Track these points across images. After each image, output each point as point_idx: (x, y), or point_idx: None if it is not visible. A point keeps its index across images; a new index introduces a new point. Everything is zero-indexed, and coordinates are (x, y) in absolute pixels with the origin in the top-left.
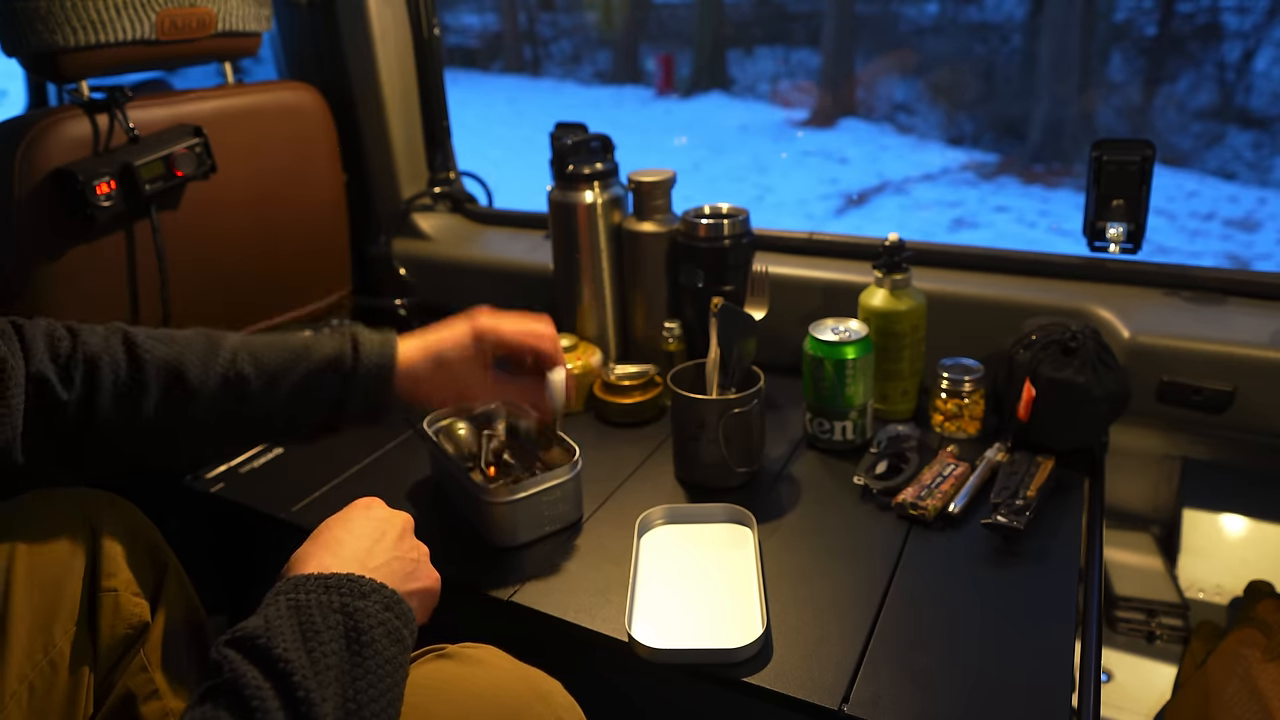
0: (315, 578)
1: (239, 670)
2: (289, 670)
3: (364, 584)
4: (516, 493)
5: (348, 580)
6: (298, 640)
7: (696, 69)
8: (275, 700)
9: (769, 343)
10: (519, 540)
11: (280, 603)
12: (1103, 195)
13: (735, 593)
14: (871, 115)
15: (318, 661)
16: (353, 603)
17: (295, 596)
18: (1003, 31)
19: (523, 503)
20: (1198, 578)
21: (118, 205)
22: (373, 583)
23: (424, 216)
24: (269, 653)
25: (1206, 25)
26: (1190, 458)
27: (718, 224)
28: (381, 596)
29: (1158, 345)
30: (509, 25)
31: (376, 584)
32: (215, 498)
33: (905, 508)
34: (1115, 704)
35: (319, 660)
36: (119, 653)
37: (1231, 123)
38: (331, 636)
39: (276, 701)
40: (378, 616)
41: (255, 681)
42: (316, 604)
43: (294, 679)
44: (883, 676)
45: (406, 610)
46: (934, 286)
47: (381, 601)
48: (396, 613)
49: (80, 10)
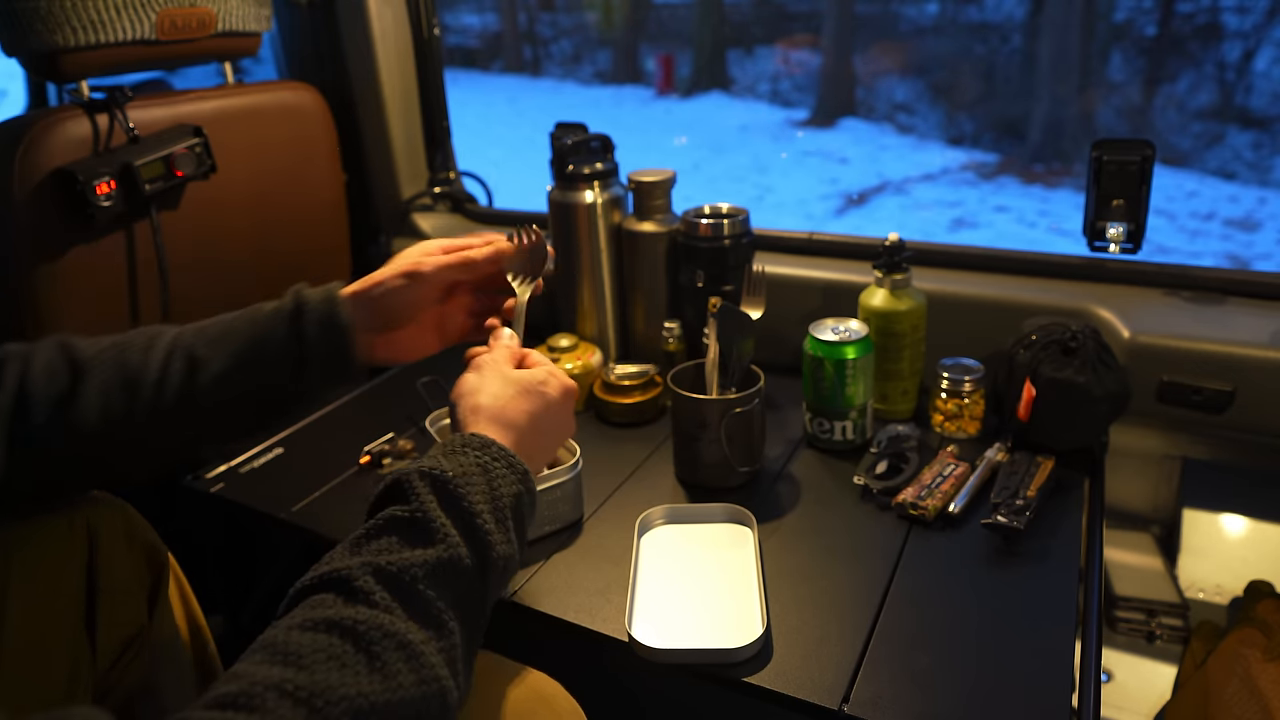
0: (503, 451)
1: (430, 511)
2: (485, 529)
3: (531, 483)
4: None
5: (525, 474)
6: (489, 504)
7: (696, 69)
8: (465, 549)
9: (769, 343)
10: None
11: (470, 457)
12: (1103, 195)
13: (735, 593)
14: (871, 115)
15: (503, 530)
16: (524, 492)
17: (483, 458)
18: (1003, 31)
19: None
20: (1198, 578)
21: (118, 205)
22: (533, 484)
23: (424, 216)
24: (460, 504)
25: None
26: (1190, 458)
27: (718, 224)
28: (533, 497)
29: (1158, 345)
30: (509, 25)
31: (535, 489)
32: (215, 498)
33: (905, 508)
34: (1115, 704)
35: (504, 529)
36: (117, 653)
37: (1231, 123)
38: (509, 512)
39: (466, 550)
40: (531, 510)
41: (446, 529)
42: (501, 477)
43: (490, 538)
44: (883, 676)
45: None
46: (934, 286)
47: (532, 502)
48: (532, 520)
49: (80, 10)
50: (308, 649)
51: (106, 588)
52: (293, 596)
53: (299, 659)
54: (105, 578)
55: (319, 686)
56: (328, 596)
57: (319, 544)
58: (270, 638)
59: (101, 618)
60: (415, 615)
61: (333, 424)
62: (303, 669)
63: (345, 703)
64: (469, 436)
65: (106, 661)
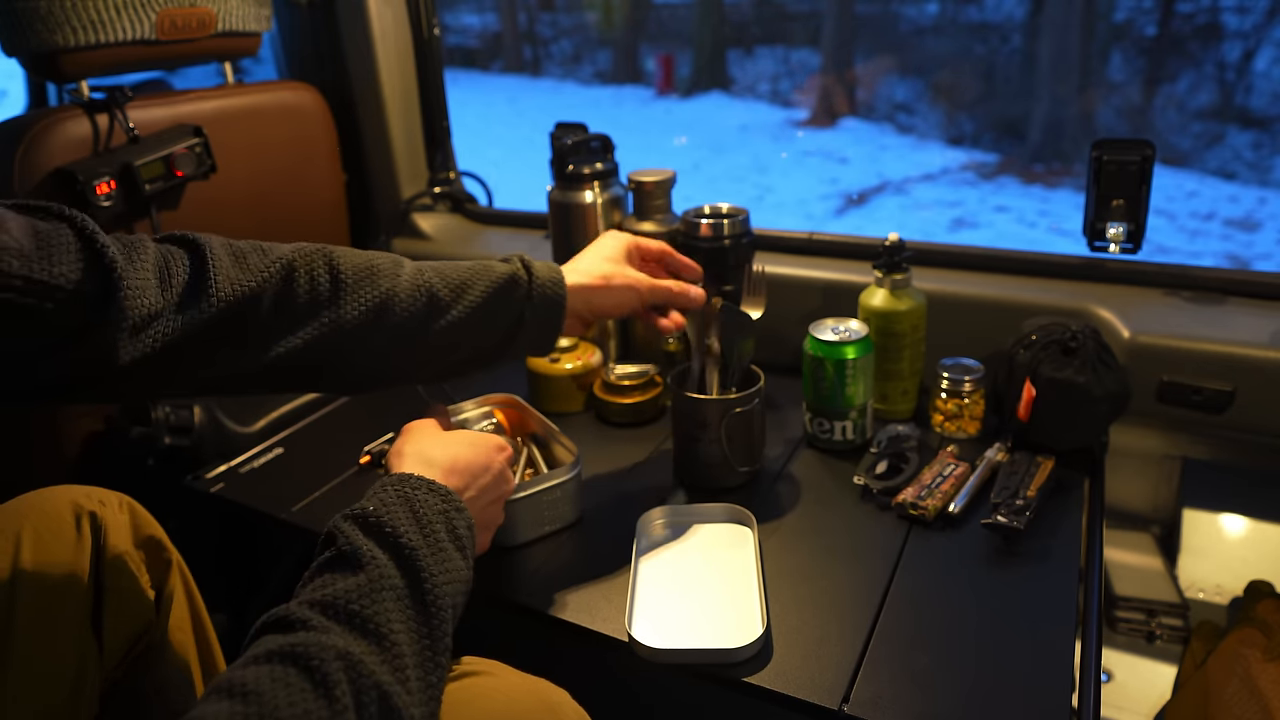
0: (422, 480)
1: (355, 542)
2: (409, 544)
3: (456, 502)
4: (516, 493)
5: (448, 494)
6: (413, 523)
7: (696, 69)
8: (393, 567)
9: (769, 343)
10: (519, 540)
11: (390, 492)
12: (1103, 195)
13: (735, 593)
14: (871, 115)
15: (431, 543)
16: (451, 510)
17: (403, 489)
18: (1003, 31)
19: (522, 502)
20: (1198, 578)
21: (118, 205)
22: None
23: (424, 216)
24: (382, 529)
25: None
26: (1190, 458)
27: (718, 224)
28: (467, 519)
29: (1158, 345)
30: (509, 25)
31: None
32: (216, 498)
33: (905, 508)
34: (1115, 704)
35: (432, 542)
36: (123, 651)
37: (1231, 123)
38: (438, 528)
39: (394, 569)
40: (467, 529)
41: (371, 551)
42: (423, 500)
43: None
44: (883, 676)
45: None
46: (934, 286)
47: (468, 524)
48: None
49: (80, 10)
50: (252, 679)
51: (113, 586)
52: (244, 645)
53: (244, 689)
54: (112, 576)
55: (267, 709)
56: (268, 636)
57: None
58: (220, 679)
59: (108, 616)
60: (353, 631)
61: (333, 424)
62: (250, 697)
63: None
64: (387, 477)
65: (113, 659)
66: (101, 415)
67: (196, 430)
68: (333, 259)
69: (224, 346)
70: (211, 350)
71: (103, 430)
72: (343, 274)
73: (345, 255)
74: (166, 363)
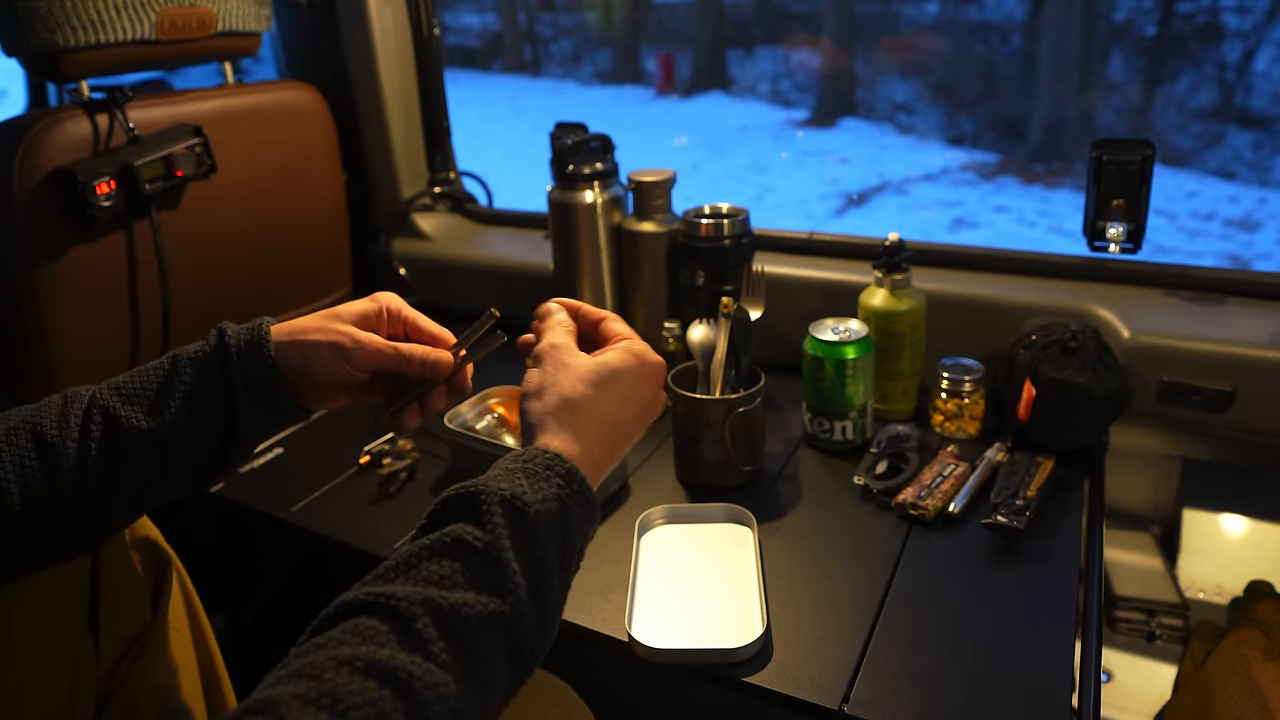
0: (584, 485)
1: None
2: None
3: (597, 518)
4: None
5: (597, 511)
6: (558, 551)
7: (696, 69)
8: (529, 605)
9: (769, 343)
10: None
11: (552, 487)
12: (1103, 195)
13: (735, 593)
14: (871, 115)
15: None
16: (589, 530)
17: (565, 491)
18: (1003, 31)
19: None
20: (1198, 578)
21: (118, 205)
22: (598, 518)
23: (424, 216)
24: (534, 548)
25: (1206, 25)
26: (1190, 458)
27: (718, 224)
28: (586, 536)
29: (1158, 345)
30: (509, 25)
31: (598, 520)
32: (215, 498)
33: (905, 508)
34: (1115, 704)
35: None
36: (119, 653)
37: (1231, 123)
38: (570, 566)
39: (529, 608)
40: (580, 555)
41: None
42: (578, 518)
43: (551, 595)
44: (883, 676)
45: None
46: (934, 286)
47: (584, 544)
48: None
49: (80, 10)
50: (355, 698)
51: (109, 588)
52: (337, 611)
53: (340, 706)
54: (108, 578)
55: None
56: (380, 628)
57: (319, 544)
58: (311, 664)
59: (105, 618)
60: (470, 674)
61: (333, 424)
62: (336, 706)
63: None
64: (551, 457)
65: (110, 662)
66: None
67: None
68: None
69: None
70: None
71: None
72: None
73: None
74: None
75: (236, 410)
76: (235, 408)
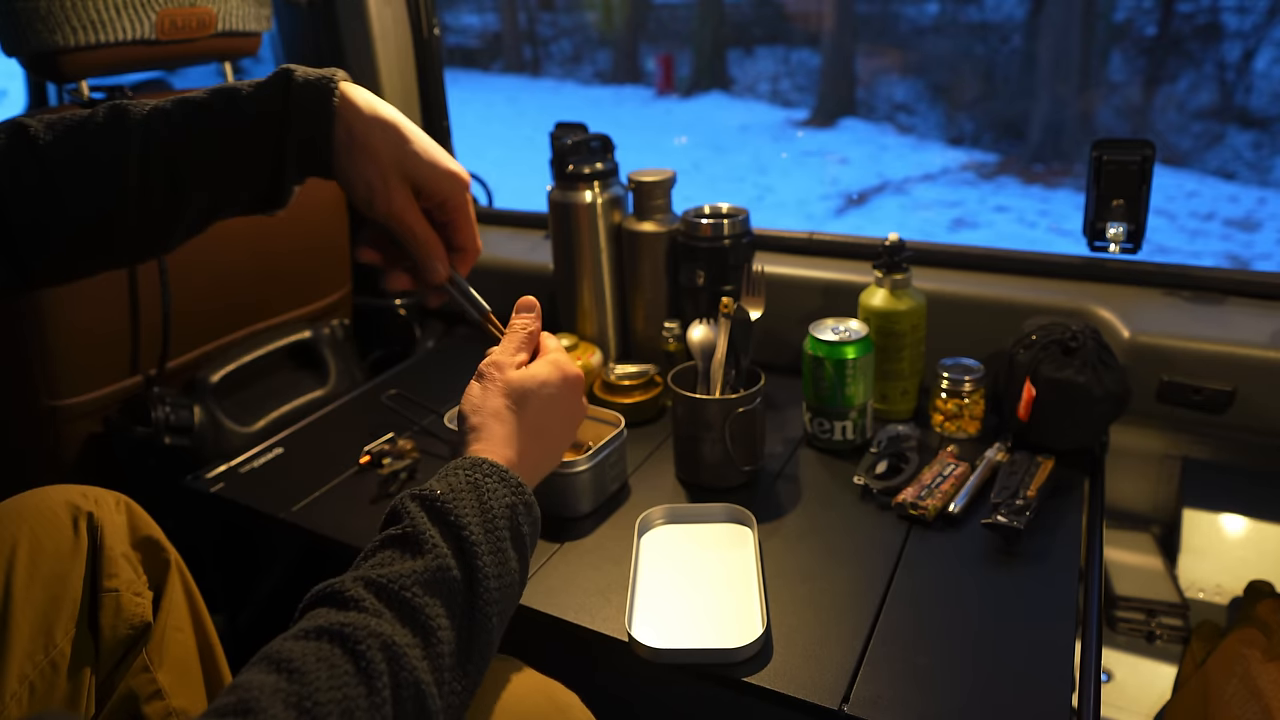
0: (495, 467)
1: (420, 525)
2: (471, 540)
3: (526, 495)
4: (582, 464)
5: (519, 486)
6: (478, 516)
7: (696, 69)
8: (452, 560)
9: (769, 343)
10: (586, 509)
11: (460, 476)
12: (1103, 195)
13: (735, 593)
14: (871, 115)
15: (492, 541)
16: (519, 505)
17: (474, 475)
18: (1003, 31)
19: (590, 471)
20: (1198, 578)
21: None
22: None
23: None
24: (449, 517)
25: (1206, 25)
26: (1190, 458)
27: (718, 224)
28: (533, 515)
29: (1158, 345)
30: (509, 25)
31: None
32: (215, 498)
33: (905, 508)
34: (1115, 704)
35: (493, 540)
36: (121, 652)
37: (1231, 123)
38: (502, 524)
39: (454, 561)
40: (531, 528)
41: (434, 539)
42: (492, 491)
43: (476, 548)
44: (883, 676)
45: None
46: (934, 286)
47: (532, 522)
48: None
49: (80, 10)
50: (298, 655)
51: (110, 586)
52: (295, 615)
53: (290, 664)
54: (109, 576)
55: (310, 689)
56: (321, 609)
57: (319, 544)
58: (269, 649)
59: (105, 616)
60: (403, 619)
61: (333, 424)
62: (294, 674)
63: (334, 705)
64: (461, 459)
65: (111, 662)
66: (101, 416)
67: (196, 430)
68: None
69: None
70: None
71: (102, 430)
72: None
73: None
74: None
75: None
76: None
